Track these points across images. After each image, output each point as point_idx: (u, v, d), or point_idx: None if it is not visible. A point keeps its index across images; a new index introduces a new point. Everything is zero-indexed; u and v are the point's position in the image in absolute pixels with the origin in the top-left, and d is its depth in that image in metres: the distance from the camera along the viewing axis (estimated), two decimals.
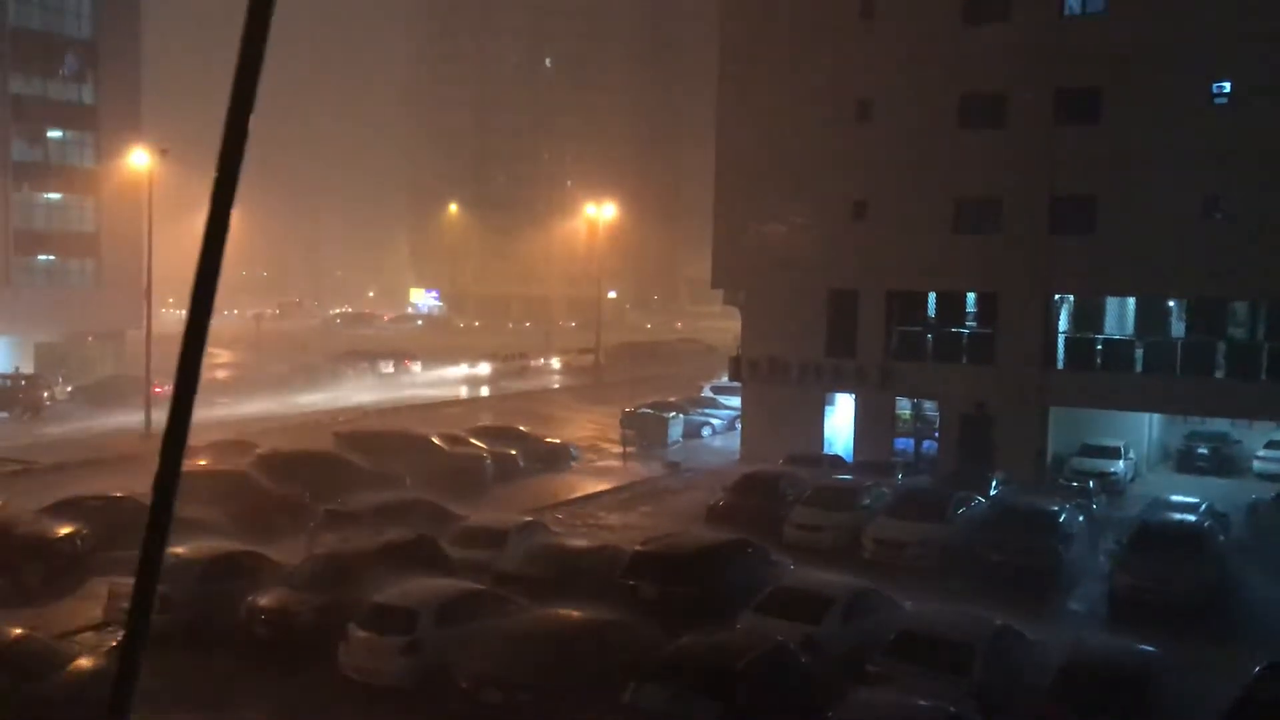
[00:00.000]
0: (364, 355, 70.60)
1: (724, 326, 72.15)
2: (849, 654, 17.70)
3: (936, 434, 37.50)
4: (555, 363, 77.57)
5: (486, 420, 44.29)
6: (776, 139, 39.28)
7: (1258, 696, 15.24)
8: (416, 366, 70.68)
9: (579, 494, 34.59)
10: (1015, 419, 35.35)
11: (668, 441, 42.60)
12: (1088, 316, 36.05)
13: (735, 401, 44.58)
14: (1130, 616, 21.85)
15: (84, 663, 16.04)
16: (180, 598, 19.50)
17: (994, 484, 30.76)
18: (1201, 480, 36.54)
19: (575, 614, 17.69)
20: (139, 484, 28.01)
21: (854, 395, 38.77)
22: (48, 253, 58.37)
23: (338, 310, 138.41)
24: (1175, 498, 29.56)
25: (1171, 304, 35.21)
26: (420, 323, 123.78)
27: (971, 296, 37.26)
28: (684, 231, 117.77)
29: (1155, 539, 24.06)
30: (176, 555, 20.55)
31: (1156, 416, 39.85)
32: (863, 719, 14.17)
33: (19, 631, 16.24)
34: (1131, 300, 35.63)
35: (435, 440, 35.13)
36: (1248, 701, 15.17)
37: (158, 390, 45.70)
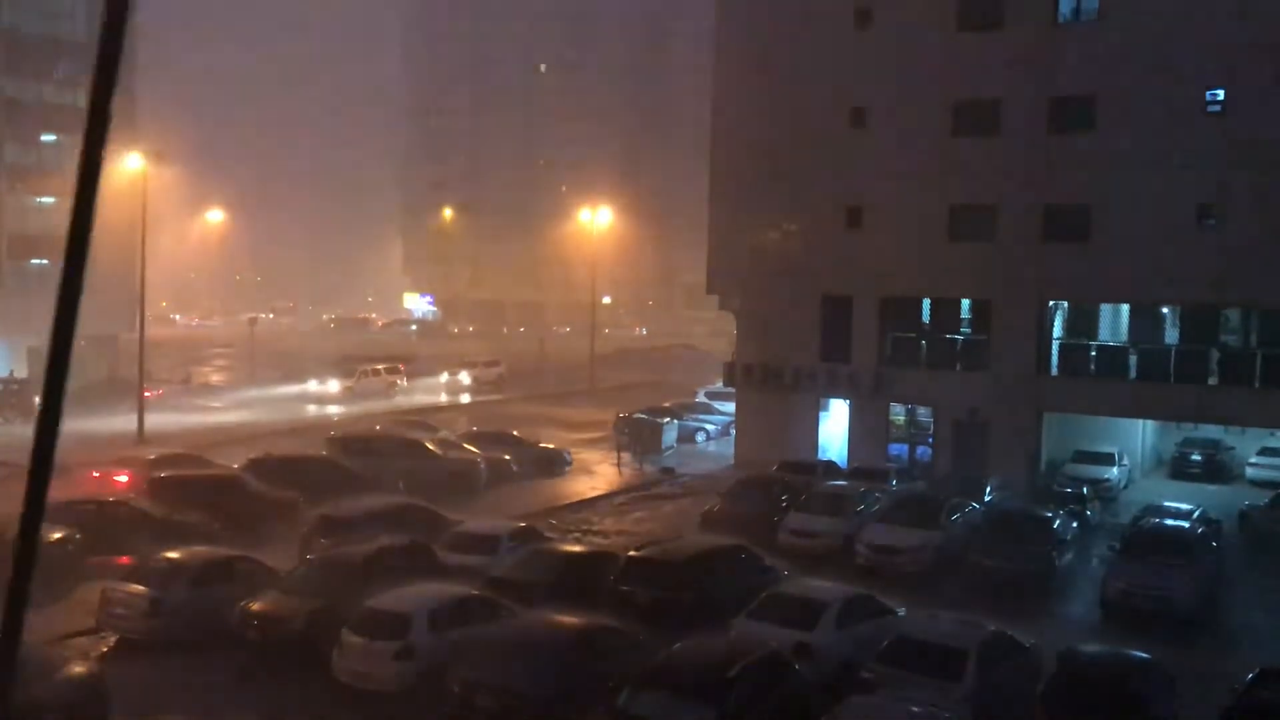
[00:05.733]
0: (357, 360, 65.37)
1: (720, 331, 71.87)
2: (843, 660, 17.70)
3: (931, 440, 37.53)
4: (463, 376, 66.40)
5: None
6: (771, 145, 39.35)
7: (1250, 702, 15.25)
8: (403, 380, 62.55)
9: (573, 499, 34.56)
10: (1009, 425, 35.39)
11: (662, 447, 42.59)
12: (1082, 323, 36.12)
13: (730, 407, 44.57)
14: (1123, 623, 21.89)
15: (76, 669, 15.96)
16: (173, 603, 19.49)
17: (988, 490, 30.79)
18: (1195, 486, 36.61)
19: (568, 620, 17.66)
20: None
21: (848, 401, 38.80)
22: (41, 256, 58.27)
23: (331, 315, 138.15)
24: (1168, 504, 29.59)
25: (1165, 311, 35.30)
26: (414, 328, 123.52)
27: (966, 303, 37.32)
28: (679, 236, 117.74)
29: (1148, 545, 24.08)
30: (170, 560, 20.55)
31: (1150, 423, 39.95)
32: None
33: None
34: (1125, 307, 35.71)
35: (429, 445, 35.09)
36: (1240, 707, 15.19)
37: (149, 394, 45.67)
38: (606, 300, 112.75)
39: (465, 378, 66.56)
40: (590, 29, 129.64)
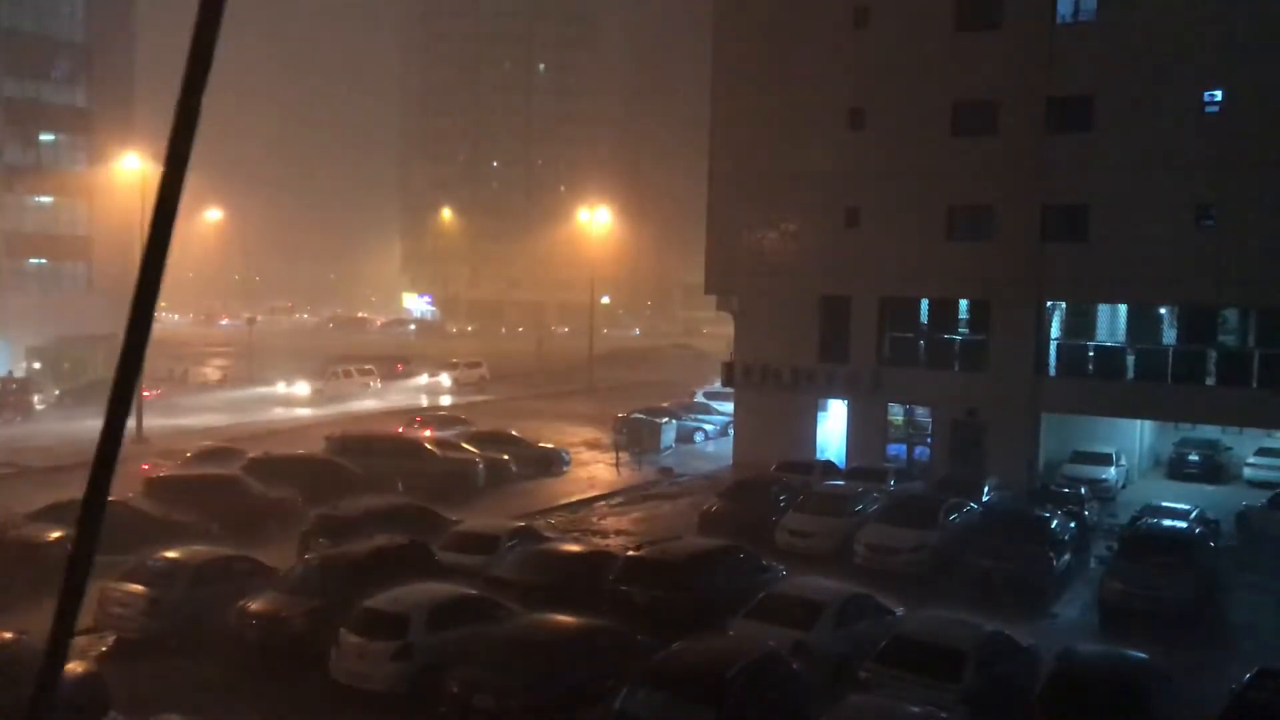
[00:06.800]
0: (352, 360, 64.97)
1: (719, 333, 71.79)
2: (841, 660, 17.72)
3: (929, 440, 37.55)
4: (443, 378, 64.31)
5: None
6: (769, 145, 39.35)
7: (1248, 703, 15.27)
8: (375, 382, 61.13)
9: (571, 499, 34.56)
10: (1007, 425, 35.41)
11: (660, 447, 42.61)
12: (1080, 323, 36.13)
13: (728, 407, 44.58)
14: (1121, 623, 21.90)
15: (74, 667, 15.94)
16: (171, 602, 19.50)
17: (986, 490, 30.81)
18: (1192, 487, 36.63)
19: (567, 620, 17.68)
20: (130, 488, 28.04)
21: (846, 401, 38.81)
22: (40, 256, 58.24)
23: (330, 315, 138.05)
24: (1166, 504, 29.62)
25: (1163, 311, 35.31)
26: (413, 328, 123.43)
27: (964, 303, 37.33)
28: (677, 236, 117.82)
29: (1146, 546, 24.10)
30: (168, 559, 20.55)
31: (1148, 423, 39.96)
32: None
33: (8, 635, 16.16)
34: (1123, 307, 35.72)
35: (427, 445, 35.10)
36: (1238, 708, 15.20)
37: (148, 395, 45.64)
38: (605, 300, 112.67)
39: (445, 379, 64.82)
40: (589, 29, 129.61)
